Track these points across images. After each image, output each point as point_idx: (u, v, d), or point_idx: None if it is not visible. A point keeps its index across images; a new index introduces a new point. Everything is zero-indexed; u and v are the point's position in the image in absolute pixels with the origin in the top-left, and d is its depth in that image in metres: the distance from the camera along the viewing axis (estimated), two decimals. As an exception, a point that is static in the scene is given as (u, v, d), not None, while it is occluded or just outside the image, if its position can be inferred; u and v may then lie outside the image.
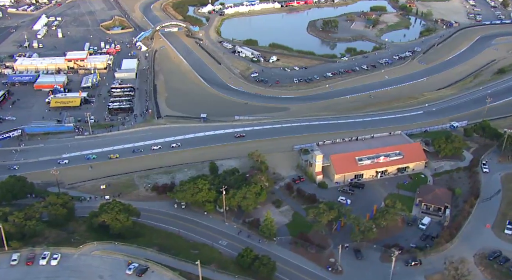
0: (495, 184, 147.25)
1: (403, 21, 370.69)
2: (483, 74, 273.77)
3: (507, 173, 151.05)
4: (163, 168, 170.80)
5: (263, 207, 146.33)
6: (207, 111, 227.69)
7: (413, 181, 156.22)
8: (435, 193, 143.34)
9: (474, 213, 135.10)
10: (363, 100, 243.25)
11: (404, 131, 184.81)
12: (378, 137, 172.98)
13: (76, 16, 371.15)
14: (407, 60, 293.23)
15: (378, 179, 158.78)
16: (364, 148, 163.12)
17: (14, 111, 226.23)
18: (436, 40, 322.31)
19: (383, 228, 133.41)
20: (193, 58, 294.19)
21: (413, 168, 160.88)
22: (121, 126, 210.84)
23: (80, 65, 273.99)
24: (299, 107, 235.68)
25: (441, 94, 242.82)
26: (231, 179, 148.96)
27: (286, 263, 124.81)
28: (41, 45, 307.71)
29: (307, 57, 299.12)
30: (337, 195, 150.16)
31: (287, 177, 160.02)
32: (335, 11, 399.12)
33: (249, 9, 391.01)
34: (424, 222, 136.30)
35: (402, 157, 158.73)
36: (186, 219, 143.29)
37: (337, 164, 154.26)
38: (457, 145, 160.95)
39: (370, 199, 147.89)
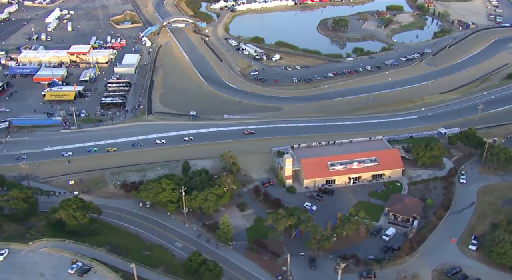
0: (470, 196, 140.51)
1: (418, 21, 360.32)
2: (491, 79, 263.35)
3: (484, 185, 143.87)
4: (139, 166, 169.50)
5: (227, 209, 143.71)
6: (200, 108, 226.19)
7: (387, 189, 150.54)
8: (404, 203, 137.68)
9: (441, 226, 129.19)
10: (360, 102, 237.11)
11: (390, 136, 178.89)
12: (357, 141, 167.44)
13: (89, 9, 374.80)
14: (415, 62, 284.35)
15: (351, 185, 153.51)
16: (340, 153, 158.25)
17: (10, 102, 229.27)
18: (449, 42, 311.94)
19: (344, 238, 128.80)
20: (196, 55, 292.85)
21: (389, 175, 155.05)
22: (109, 121, 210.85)
23: (82, 59, 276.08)
24: (293, 108, 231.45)
25: (442, 99, 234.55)
26: (197, 180, 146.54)
27: (237, 269, 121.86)
28: (49, 38, 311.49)
29: (312, 56, 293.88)
30: (304, 200, 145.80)
31: (257, 180, 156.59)
32: (351, 10, 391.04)
33: (261, 6, 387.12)
34: (387, 233, 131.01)
35: (377, 163, 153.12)
36: (148, 218, 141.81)
37: (307, 169, 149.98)
38: (436, 153, 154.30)
39: (337, 206, 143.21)
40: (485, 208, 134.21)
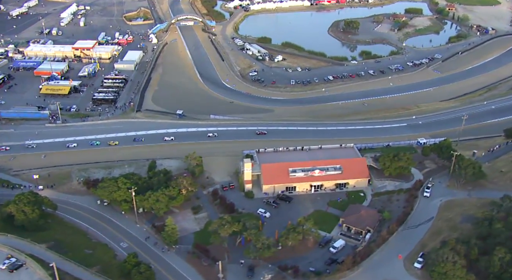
0: (430, 211, 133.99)
1: (434, 25, 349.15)
2: (499, 88, 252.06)
3: (448, 200, 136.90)
4: (108, 163, 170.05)
5: (181, 212, 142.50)
6: (191, 107, 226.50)
7: (348, 199, 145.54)
8: (359, 215, 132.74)
9: (391, 241, 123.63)
10: (354, 108, 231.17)
11: (367, 144, 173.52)
12: (326, 148, 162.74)
13: (105, 5, 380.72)
14: (421, 67, 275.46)
15: (312, 193, 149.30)
16: (305, 159, 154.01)
17: (7, 95, 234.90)
18: (463, 48, 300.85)
19: (290, 247, 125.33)
20: (199, 53, 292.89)
21: (354, 185, 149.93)
22: (96, 117, 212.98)
23: (86, 54, 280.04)
24: (284, 110, 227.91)
25: (438, 107, 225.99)
26: (154, 180, 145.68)
27: (174, 273, 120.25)
28: (60, 33, 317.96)
29: (316, 59, 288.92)
30: (260, 206, 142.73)
31: (219, 183, 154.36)
32: (368, 12, 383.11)
33: (276, 6, 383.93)
34: (335, 245, 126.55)
35: (341, 172, 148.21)
36: (102, 217, 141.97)
37: (266, 174, 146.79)
38: (403, 164, 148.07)
39: (293, 214, 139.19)
40: (441, 225, 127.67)
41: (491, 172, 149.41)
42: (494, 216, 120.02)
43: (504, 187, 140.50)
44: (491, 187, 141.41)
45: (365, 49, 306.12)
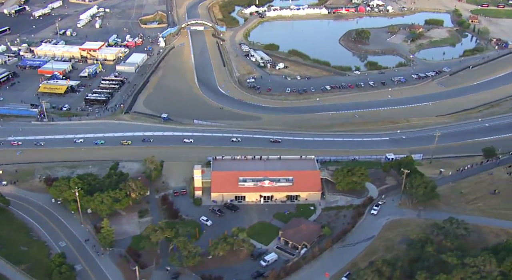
0: (373, 230, 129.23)
1: (452, 37, 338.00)
2: (502, 105, 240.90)
3: (394, 220, 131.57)
4: (74, 162, 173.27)
5: (127, 214, 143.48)
6: (181, 111, 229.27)
7: (296, 212, 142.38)
8: (299, 229, 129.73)
9: (323, 258, 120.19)
10: (344, 119, 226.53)
11: (334, 157, 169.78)
12: (285, 159, 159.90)
13: (125, 8, 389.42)
14: (426, 80, 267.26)
15: (261, 204, 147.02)
16: (262, 168, 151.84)
17: (9, 92, 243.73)
18: (476, 61, 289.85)
19: (222, 257, 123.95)
20: (203, 58, 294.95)
21: (306, 198, 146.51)
22: (84, 117, 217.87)
23: (92, 55, 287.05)
24: (271, 118, 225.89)
25: (430, 122, 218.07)
26: (106, 181, 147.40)
27: (100, 276, 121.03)
28: (74, 34, 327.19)
29: (319, 67, 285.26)
30: (204, 214, 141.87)
31: (172, 188, 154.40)
32: (388, 22, 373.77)
33: (292, 13, 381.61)
34: (266, 258, 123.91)
35: (292, 184, 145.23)
36: (52, 215, 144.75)
37: (215, 182, 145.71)
38: (356, 179, 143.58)
39: (235, 224, 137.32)
40: (379, 244, 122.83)
41: (450, 193, 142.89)
42: (429, 238, 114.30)
43: (457, 209, 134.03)
44: (444, 209, 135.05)
45: (374, 59, 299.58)
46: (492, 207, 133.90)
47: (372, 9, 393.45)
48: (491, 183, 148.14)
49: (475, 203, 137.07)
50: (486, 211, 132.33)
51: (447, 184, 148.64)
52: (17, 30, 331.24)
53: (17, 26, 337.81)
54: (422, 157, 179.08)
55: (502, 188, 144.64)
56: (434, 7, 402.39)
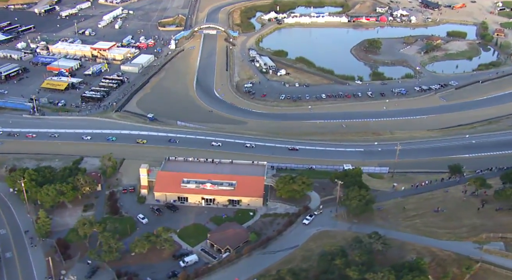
0: (299, 239, 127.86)
1: (470, 50, 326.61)
2: (501, 122, 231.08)
3: (322, 231, 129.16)
4: (43, 155, 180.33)
5: (73, 207, 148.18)
6: (170, 112, 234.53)
7: (234, 216, 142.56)
8: (226, 233, 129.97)
9: (239, 263, 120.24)
10: (331, 128, 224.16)
11: (288, 165, 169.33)
12: (236, 163, 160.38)
13: (148, 11, 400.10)
14: (428, 93, 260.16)
15: (202, 206, 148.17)
16: (211, 172, 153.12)
17: (15, 86, 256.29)
18: (488, 76, 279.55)
19: (145, 255, 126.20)
20: (208, 61, 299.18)
21: (248, 203, 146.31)
22: (74, 113, 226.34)
23: (102, 55, 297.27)
24: (257, 123, 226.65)
25: (415, 135, 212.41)
26: (59, 174, 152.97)
27: (25, 266, 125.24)
28: (93, 34, 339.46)
29: (321, 75, 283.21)
30: (144, 212, 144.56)
31: (123, 186, 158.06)
32: (410, 32, 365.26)
33: (311, 21, 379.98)
34: (186, 259, 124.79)
35: (233, 188, 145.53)
36: (5, 203, 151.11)
37: (159, 182, 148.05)
38: (296, 187, 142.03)
39: (171, 223, 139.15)
40: (298, 254, 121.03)
41: (392, 208, 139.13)
42: (342, 251, 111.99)
43: (392, 225, 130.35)
44: (378, 223, 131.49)
45: (383, 70, 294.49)
46: (427, 225, 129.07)
47: (394, 19, 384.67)
48: (441, 200, 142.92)
49: (412, 220, 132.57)
50: (419, 228, 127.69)
51: (395, 199, 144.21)
52: (42, 28, 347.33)
53: (43, 25, 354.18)
54: (388, 171, 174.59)
55: (449, 206, 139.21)
56: (462, 19, 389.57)
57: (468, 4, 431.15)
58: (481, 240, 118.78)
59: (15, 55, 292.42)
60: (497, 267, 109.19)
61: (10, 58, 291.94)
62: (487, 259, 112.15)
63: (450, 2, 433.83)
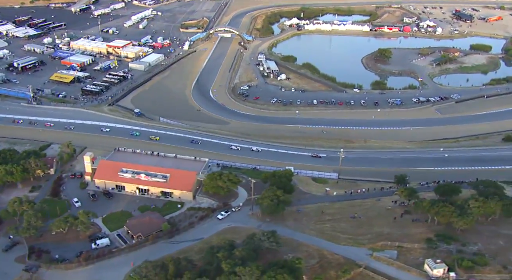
0: (207, 232, 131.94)
1: (488, 64, 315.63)
2: (489, 137, 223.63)
3: (231, 227, 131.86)
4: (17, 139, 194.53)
5: (22, 188, 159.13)
6: (159, 109, 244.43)
7: (162, 207, 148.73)
8: (142, 221, 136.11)
9: (141, 249, 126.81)
10: (310, 133, 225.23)
11: (233, 163, 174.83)
12: (180, 158, 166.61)
13: (176, 13, 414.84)
14: (425, 105, 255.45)
15: (137, 196, 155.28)
16: (151, 164, 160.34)
17: (29, 77, 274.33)
18: (495, 91, 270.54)
19: (63, 234, 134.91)
20: (215, 63, 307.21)
21: (179, 196, 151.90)
22: (69, 104, 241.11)
23: (116, 52, 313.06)
24: (239, 124, 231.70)
25: (389, 145, 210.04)
26: (16, 157, 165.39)
27: None
28: (117, 32, 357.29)
29: (321, 82, 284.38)
30: (81, 196, 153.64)
31: (74, 172, 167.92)
32: (434, 43, 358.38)
33: (332, 28, 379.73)
34: (98, 242, 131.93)
35: (166, 181, 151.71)
36: None
37: (100, 170, 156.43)
38: (221, 184, 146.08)
39: (101, 209, 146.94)
40: (196, 246, 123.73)
41: (312, 211, 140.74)
42: (231, 245, 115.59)
43: (301, 226, 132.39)
44: (288, 224, 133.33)
45: (391, 80, 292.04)
46: (334, 230, 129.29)
47: (419, 30, 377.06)
48: (366, 208, 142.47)
49: (323, 224, 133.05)
50: (325, 232, 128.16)
51: (322, 203, 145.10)
52: (73, 26, 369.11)
53: (75, 23, 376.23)
54: (338, 177, 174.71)
55: (370, 214, 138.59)
56: (492, 32, 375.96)
57: (505, 17, 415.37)
58: (376, 247, 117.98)
59: (38, 49, 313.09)
60: (378, 274, 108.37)
61: (33, 52, 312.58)
62: (373, 265, 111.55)
63: (486, 15, 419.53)
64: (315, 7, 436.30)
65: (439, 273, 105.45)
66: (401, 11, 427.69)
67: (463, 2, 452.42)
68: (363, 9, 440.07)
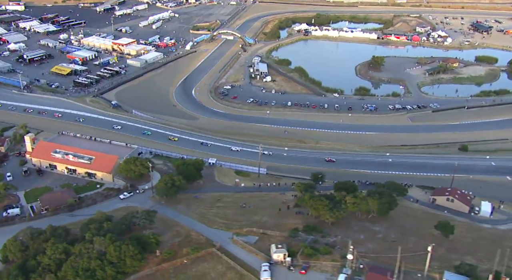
0: (105, 208, 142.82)
1: (485, 76, 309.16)
2: (449, 147, 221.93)
3: (126, 206, 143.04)
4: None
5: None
6: (139, 103, 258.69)
7: (83, 186, 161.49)
8: (53, 196, 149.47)
9: (40, 219, 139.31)
10: (272, 132, 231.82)
11: (165, 152, 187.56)
12: (113, 144, 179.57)
13: (193, 15, 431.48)
14: (400, 112, 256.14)
15: (65, 174, 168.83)
16: (86, 147, 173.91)
17: (33, 68, 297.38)
18: (480, 103, 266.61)
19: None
20: (209, 63, 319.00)
21: (101, 177, 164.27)
22: (57, 94, 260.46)
23: (120, 49, 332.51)
24: (206, 120, 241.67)
25: (339, 147, 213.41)
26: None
27: None
28: (129, 31, 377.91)
29: (305, 85, 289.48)
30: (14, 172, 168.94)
31: (20, 151, 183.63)
32: (441, 53, 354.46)
33: (339, 35, 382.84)
34: (8, 211, 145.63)
35: (90, 162, 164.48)
36: None
37: (37, 149, 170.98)
38: (133, 167, 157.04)
39: (28, 183, 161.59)
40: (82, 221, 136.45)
41: (209, 198, 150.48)
42: (102, 219, 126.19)
43: (188, 210, 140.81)
44: (178, 207, 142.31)
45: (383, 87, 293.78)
46: (216, 215, 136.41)
47: (427, 39, 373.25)
48: (263, 200, 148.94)
49: (209, 210, 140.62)
50: (205, 216, 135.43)
51: (226, 192, 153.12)
52: (93, 24, 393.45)
53: (96, 21, 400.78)
54: (266, 172, 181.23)
55: (262, 205, 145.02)
56: (506, 45, 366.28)
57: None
58: (241, 233, 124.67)
59: (51, 44, 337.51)
60: (226, 254, 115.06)
61: (47, 46, 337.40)
62: (228, 247, 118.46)
63: (509, 27, 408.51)
64: (332, 14, 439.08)
65: (279, 257, 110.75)
66: (418, 20, 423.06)
67: (486, 14, 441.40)
68: (380, 17, 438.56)
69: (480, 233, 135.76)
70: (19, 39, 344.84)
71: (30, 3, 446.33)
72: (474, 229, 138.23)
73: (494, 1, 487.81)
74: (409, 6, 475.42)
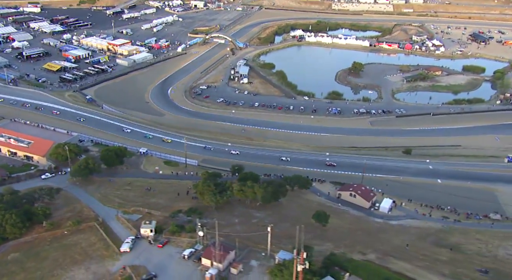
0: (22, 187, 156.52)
1: (465, 85, 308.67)
2: (396, 150, 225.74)
3: (42, 185, 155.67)
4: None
5: None
6: (116, 100, 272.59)
7: (19, 167, 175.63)
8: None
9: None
10: (230, 129, 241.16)
11: (106, 141, 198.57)
12: (57, 131, 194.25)
13: (197, 20, 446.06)
14: (363, 116, 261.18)
15: (7, 157, 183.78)
16: (30, 134, 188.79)
17: (29, 64, 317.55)
18: (447, 110, 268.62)
19: None
20: (195, 65, 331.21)
21: (37, 160, 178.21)
22: (39, 88, 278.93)
23: (114, 49, 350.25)
24: (172, 117, 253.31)
25: (285, 145, 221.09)
26: None
27: None
28: (130, 33, 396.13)
29: (279, 88, 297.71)
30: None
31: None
32: (432, 62, 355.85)
33: (332, 42, 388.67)
34: None
35: (27, 146, 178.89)
36: None
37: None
38: (60, 151, 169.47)
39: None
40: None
41: (121, 182, 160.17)
42: (7, 193, 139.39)
43: (91, 191, 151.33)
44: (89, 188, 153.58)
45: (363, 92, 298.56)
46: (117, 196, 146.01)
47: (420, 48, 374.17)
48: (172, 186, 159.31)
49: (114, 191, 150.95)
50: (107, 197, 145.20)
51: (142, 178, 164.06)
52: (99, 26, 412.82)
53: (103, 23, 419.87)
54: (198, 164, 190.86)
55: (165, 190, 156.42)
56: (499, 55, 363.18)
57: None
58: (127, 211, 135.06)
59: (52, 43, 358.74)
60: (104, 227, 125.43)
61: (48, 45, 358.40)
62: (111, 223, 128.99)
63: (509, 38, 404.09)
64: (333, 21, 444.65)
65: (146, 232, 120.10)
66: (418, 29, 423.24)
67: (491, 25, 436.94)
68: (381, 25, 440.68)
69: (363, 225, 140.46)
70: (24, 37, 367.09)
71: (47, 6, 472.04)
72: (361, 222, 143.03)
73: (504, 12, 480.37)
74: (415, 15, 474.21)
